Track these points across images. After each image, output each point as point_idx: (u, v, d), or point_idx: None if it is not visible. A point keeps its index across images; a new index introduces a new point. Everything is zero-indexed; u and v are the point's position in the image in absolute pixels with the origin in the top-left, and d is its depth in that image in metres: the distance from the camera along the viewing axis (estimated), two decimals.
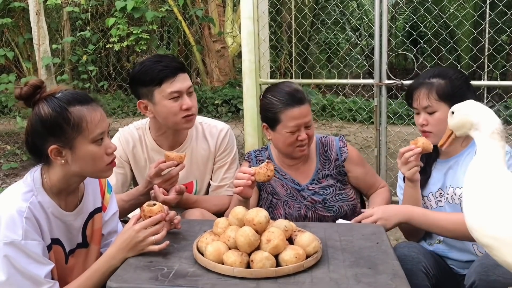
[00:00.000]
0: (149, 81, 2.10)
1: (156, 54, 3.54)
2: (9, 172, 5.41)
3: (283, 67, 8.31)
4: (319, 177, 2.23)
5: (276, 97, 2.13)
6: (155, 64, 2.10)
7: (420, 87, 2.01)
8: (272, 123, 2.14)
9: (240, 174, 1.95)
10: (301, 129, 2.11)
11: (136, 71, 2.15)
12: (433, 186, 2.07)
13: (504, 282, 1.61)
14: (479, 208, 1.38)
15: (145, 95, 2.14)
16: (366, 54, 8.93)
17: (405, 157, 1.92)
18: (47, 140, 1.55)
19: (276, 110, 2.11)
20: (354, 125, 6.36)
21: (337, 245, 1.67)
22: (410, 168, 1.93)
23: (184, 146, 2.28)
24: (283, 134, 2.12)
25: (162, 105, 2.11)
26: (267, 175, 1.90)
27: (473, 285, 1.66)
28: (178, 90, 2.10)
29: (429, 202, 2.07)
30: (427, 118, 1.99)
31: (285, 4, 5.29)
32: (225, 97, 8.33)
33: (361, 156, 2.34)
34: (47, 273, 1.53)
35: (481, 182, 1.41)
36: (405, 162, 1.93)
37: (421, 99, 1.99)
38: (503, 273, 1.60)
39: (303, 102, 2.11)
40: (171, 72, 2.10)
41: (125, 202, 2.12)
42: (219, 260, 1.49)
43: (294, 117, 2.09)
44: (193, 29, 8.22)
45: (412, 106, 2.05)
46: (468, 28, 6.38)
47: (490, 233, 1.33)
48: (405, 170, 1.94)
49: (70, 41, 6.57)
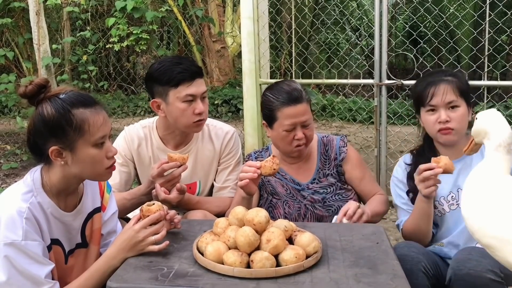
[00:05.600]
0: (166, 81, 2.12)
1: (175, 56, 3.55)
2: (9, 172, 5.41)
3: (283, 67, 8.31)
4: (319, 176, 2.23)
5: (274, 95, 2.14)
6: (175, 65, 2.12)
7: (439, 83, 1.97)
8: (270, 121, 2.16)
9: (246, 168, 1.96)
10: (297, 128, 2.11)
11: (154, 69, 2.17)
12: (444, 190, 2.03)
13: (475, 275, 1.64)
14: (479, 209, 1.39)
15: (159, 93, 2.16)
16: (366, 54, 8.93)
17: (424, 176, 1.84)
18: (48, 141, 1.55)
19: (273, 107, 2.12)
20: (354, 125, 6.36)
21: (337, 245, 1.67)
22: (428, 186, 1.85)
23: (190, 147, 2.29)
24: (280, 132, 2.13)
25: (175, 106, 2.13)
26: (273, 168, 1.92)
27: (450, 280, 1.71)
28: (193, 94, 2.12)
29: (441, 206, 2.04)
30: (449, 115, 1.95)
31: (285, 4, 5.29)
32: (225, 97, 8.33)
33: (361, 160, 2.31)
34: (47, 274, 1.53)
35: (481, 185, 1.42)
36: (423, 180, 1.85)
37: (447, 94, 1.95)
38: (474, 266, 1.65)
39: (300, 101, 2.10)
40: (189, 75, 2.12)
41: (127, 200, 2.13)
42: (219, 260, 1.49)
43: (289, 115, 2.09)
44: (193, 29, 8.23)
45: (427, 104, 1.98)
46: (468, 28, 6.37)
47: (491, 234, 1.34)
48: (422, 188, 1.86)
49: (70, 41, 6.58)
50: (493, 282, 1.63)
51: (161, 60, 2.21)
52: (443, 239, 2.05)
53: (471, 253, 1.71)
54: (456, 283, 1.69)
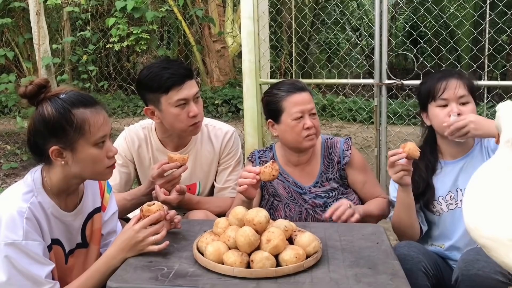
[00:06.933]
0: (156, 88, 2.09)
1: (163, 59, 3.52)
2: (9, 172, 5.41)
3: (283, 67, 8.31)
4: (322, 180, 2.21)
5: (277, 88, 2.16)
6: (162, 70, 2.08)
7: (450, 78, 1.97)
8: (276, 115, 2.14)
9: (245, 173, 1.94)
10: (306, 116, 2.10)
11: (143, 77, 2.13)
12: (442, 190, 2.03)
13: (483, 275, 1.64)
14: (477, 209, 1.37)
15: (151, 101, 2.14)
16: (366, 54, 8.93)
17: (391, 161, 1.85)
18: (48, 141, 1.55)
19: (278, 99, 2.12)
20: (354, 125, 6.35)
21: (337, 245, 1.67)
22: (397, 172, 1.86)
23: (189, 148, 2.28)
24: (289, 123, 2.10)
25: (168, 112, 2.10)
26: (272, 174, 1.90)
27: (457, 281, 1.70)
28: (185, 98, 2.09)
29: (439, 206, 2.04)
30: (460, 109, 1.94)
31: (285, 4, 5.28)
32: (225, 97, 8.33)
33: (365, 163, 2.28)
34: (47, 274, 1.53)
35: (484, 182, 1.40)
36: (391, 165, 1.87)
37: (458, 88, 1.95)
38: (483, 266, 1.65)
39: (304, 89, 2.13)
40: (179, 79, 2.08)
41: (127, 201, 2.13)
42: (219, 260, 1.49)
43: (297, 102, 2.09)
44: (193, 29, 8.23)
45: (439, 98, 1.96)
46: (468, 28, 6.37)
47: (486, 234, 1.32)
48: (391, 173, 1.88)
49: (70, 41, 6.58)
50: (501, 283, 1.63)
51: (149, 65, 2.17)
52: (443, 241, 2.04)
53: (479, 254, 1.69)
54: (463, 283, 1.68)
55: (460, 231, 1.99)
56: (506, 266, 1.32)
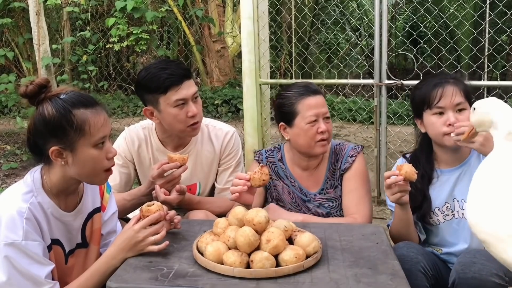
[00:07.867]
0: (154, 88, 2.09)
1: (162, 59, 3.50)
2: (9, 172, 5.41)
3: (283, 67, 8.31)
4: (327, 187, 2.17)
5: (291, 91, 2.12)
6: (160, 71, 2.08)
7: (446, 85, 1.92)
8: (290, 118, 2.10)
9: (236, 181, 1.90)
10: (320, 120, 2.07)
11: (141, 77, 2.13)
12: (438, 200, 2.00)
13: (480, 278, 1.63)
14: (478, 204, 1.38)
15: (150, 101, 2.14)
16: (366, 54, 8.92)
17: (387, 183, 1.79)
18: (48, 141, 1.55)
19: (292, 101, 2.09)
20: (354, 125, 6.36)
21: (337, 245, 1.68)
22: (394, 193, 1.80)
23: (189, 148, 2.28)
24: (302, 127, 2.07)
25: (167, 112, 2.10)
26: (262, 179, 1.85)
27: (454, 284, 1.69)
28: (183, 98, 2.09)
29: (436, 217, 2.01)
30: (457, 117, 1.90)
31: (285, 4, 5.29)
32: (225, 97, 8.32)
33: (363, 176, 2.15)
34: (47, 274, 1.53)
35: (486, 179, 1.40)
36: (388, 187, 1.81)
37: (455, 96, 1.90)
38: (479, 269, 1.64)
39: (319, 92, 2.11)
40: (177, 79, 2.08)
41: (127, 201, 2.13)
42: (219, 260, 1.49)
43: (311, 105, 2.07)
44: (193, 29, 8.22)
45: (435, 106, 1.92)
46: (468, 28, 6.37)
47: (486, 229, 1.33)
48: (389, 194, 1.82)
49: (70, 41, 6.58)
50: (498, 285, 1.63)
51: (147, 66, 2.17)
52: (441, 247, 2.04)
53: (475, 256, 1.69)
54: (460, 286, 1.67)
55: (457, 241, 1.98)
56: (505, 262, 1.33)
